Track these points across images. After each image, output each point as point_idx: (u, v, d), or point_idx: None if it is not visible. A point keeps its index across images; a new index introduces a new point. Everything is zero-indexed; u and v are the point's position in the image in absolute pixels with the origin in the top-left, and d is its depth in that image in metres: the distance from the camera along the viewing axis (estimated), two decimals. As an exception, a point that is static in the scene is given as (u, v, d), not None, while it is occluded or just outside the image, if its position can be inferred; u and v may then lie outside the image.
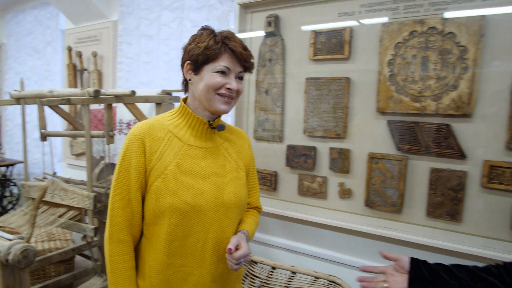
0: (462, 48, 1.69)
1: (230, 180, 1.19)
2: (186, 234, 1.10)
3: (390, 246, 1.92)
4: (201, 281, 1.14)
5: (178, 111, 1.18)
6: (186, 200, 1.08)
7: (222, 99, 1.11)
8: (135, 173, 1.08)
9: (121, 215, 1.08)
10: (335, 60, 2.03)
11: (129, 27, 3.00)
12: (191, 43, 1.13)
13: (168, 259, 1.10)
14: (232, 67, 1.10)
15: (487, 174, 1.66)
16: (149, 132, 1.10)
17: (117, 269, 1.08)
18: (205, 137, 1.17)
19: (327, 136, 2.08)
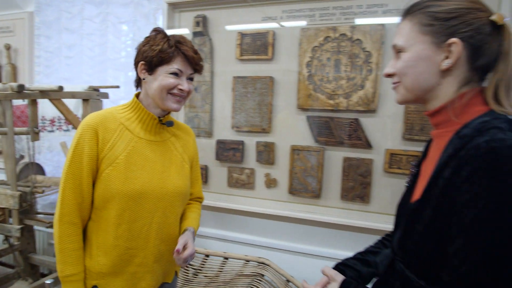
0: (367, 53, 1.96)
1: (175, 171, 1.30)
2: (133, 219, 1.19)
3: (312, 228, 2.15)
4: (144, 262, 1.23)
5: (130, 105, 1.26)
6: (134, 187, 1.18)
7: (174, 99, 1.22)
8: (87, 159, 1.15)
9: (72, 199, 1.15)
10: (260, 60, 2.19)
11: (48, 20, 2.85)
12: (145, 45, 1.21)
13: (115, 241, 1.19)
14: (184, 69, 1.21)
15: (388, 160, 1.96)
16: (102, 123, 1.18)
17: (66, 249, 1.16)
18: (154, 132, 1.27)
19: (253, 131, 2.24)
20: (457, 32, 0.77)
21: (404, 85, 0.84)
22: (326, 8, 2.04)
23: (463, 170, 0.69)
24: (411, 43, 0.81)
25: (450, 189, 0.71)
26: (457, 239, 0.69)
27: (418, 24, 0.80)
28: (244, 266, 2.05)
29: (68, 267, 1.17)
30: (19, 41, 3.03)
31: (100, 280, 1.21)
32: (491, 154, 0.67)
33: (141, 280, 1.25)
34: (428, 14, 0.79)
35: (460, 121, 0.78)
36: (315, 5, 2.06)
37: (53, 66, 2.87)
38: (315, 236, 2.15)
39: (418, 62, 0.81)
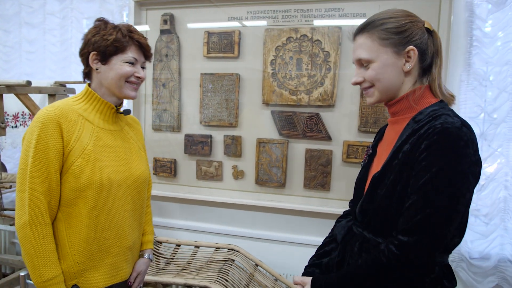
0: (326, 52, 2.13)
1: (137, 158, 1.33)
2: (108, 208, 1.19)
3: (278, 216, 2.30)
4: (121, 251, 1.25)
5: (84, 96, 1.23)
6: (107, 176, 1.18)
7: (131, 86, 1.24)
8: (54, 154, 1.10)
9: (42, 198, 1.09)
10: (226, 58, 2.30)
11: (7, 14, 2.77)
12: (95, 35, 1.19)
13: (93, 233, 1.17)
14: (138, 57, 1.23)
15: (346, 151, 2.15)
16: (63, 115, 1.14)
17: (44, 252, 1.09)
18: (112, 121, 1.28)
19: (221, 125, 2.35)
20: (410, 41, 0.97)
21: (378, 88, 1.01)
22: (288, 10, 2.18)
23: (422, 144, 0.89)
24: (376, 55, 0.98)
25: (409, 159, 0.92)
26: (414, 195, 0.89)
27: (377, 39, 0.98)
28: (215, 253, 2.16)
29: (49, 270, 1.10)
30: (-26, 35, 2.92)
31: (79, 278, 1.18)
32: (444, 133, 0.88)
33: (120, 270, 1.26)
34: (385, 30, 0.97)
35: (415, 109, 1.00)
36: (278, 7, 2.19)
37: (13, 61, 2.80)
38: (281, 223, 2.31)
39: (386, 69, 0.99)
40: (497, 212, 1.98)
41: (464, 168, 0.87)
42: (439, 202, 0.86)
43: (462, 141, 0.87)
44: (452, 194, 0.87)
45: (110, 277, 1.24)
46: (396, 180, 0.94)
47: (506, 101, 1.93)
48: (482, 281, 2.04)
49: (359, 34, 1.02)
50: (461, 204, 0.88)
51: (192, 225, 2.46)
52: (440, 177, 0.86)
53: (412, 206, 0.89)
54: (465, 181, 0.88)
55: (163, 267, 2.10)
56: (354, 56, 1.04)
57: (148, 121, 2.50)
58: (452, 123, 0.88)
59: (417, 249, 0.88)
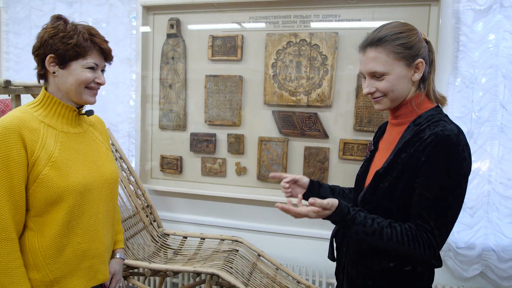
0: (324, 56, 2.27)
1: (105, 159, 1.30)
2: (81, 213, 1.17)
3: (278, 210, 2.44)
4: (97, 253, 1.24)
5: (42, 101, 1.17)
6: (78, 181, 1.15)
7: (91, 92, 1.20)
8: (16, 166, 1.05)
9: (5, 212, 1.04)
10: (230, 61, 2.44)
11: (18, 17, 2.89)
12: (53, 37, 1.12)
13: (66, 239, 1.15)
14: (99, 62, 1.19)
15: (342, 148, 2.30)
16: (23, 125, 1.09)
17: (10, 268, 1.05)
18: (75, 124, 1.24)
19: (225, 124, 2.49)
20: (418, 54, 1.10)
21: (391, 98, 1.12)
22: (288, 16, 2.33)
23: (426, 149, 1.03)
24: (391, 68, 1.09)
25: (412, 161, 1.05)
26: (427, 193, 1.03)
27: (392, 53, 1.08)
28: (219, 244, 2.31)
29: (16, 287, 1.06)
30: (-15, 37, 3.03)
31: (56, 286, 1.15)
32: (445, 139, 1.01)
33: (98, 272, 1.25)
34: (399, 45, 1.08)
35: (416, 113, 1.13)
36: (279, 13, 2.34)
37: (23, 62, 2.92)
38: (281, 216, 2.46)
39: (400, 80, 1.10)
40: (481, 205, 2.14)
41: (466, 170, 1.03)
42: (454, 202, 1.02)
43: (460, 147, 1.02)
44: (460, 194, 1.03)
45: (88, 280, 1.22)
46: (398, 177, 1.07)
47: (490, 101, 2.08)
48: (468, 269, 2.20)
49: (371, 48, 1.10)
50: (463, 201, 1.05)
51: (198, 219, 2.60)
52: (440, 178, 1.01)
53: (429, 203, 1.02)
54: (465, 181, 1.04)
55: (171, 258, 2.25)
56: (366, 68, 1.11)
57: (155, 120, 2.63)
58: (451, 130, 1.02)
59: (442, 243, 1.03)
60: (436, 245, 1.02)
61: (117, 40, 2.65)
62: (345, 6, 2.22)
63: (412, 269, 1.11)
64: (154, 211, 2.47)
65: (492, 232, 2.15)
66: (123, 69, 2.67)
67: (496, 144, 2.12)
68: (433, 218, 1.01)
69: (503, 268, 2.12)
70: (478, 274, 2.20)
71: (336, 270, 1.36)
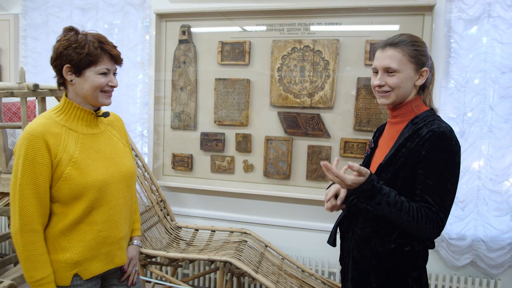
0: (326, 61, 2.45)
1: (123, 156, 1.41)
2: (102, 205, 1.30)
3: (283, 204, 2.62)
4: (115, 240, 1.36)
5: (63, 107, 1.29)
6: (97, 178, 1.27)
7: (106, 95, 1.32)
8: (41, 167, 1.19)
9: (31, 207, 1.19)
10: (238, 65, 2.62)
11: (35, 23, 3.05)
12: (67, 48, 1.23)
13: (88, 227, 1.28)
14: (110, 67, 1.30)
15: (343, 147, 2.48)
16: (47, 130, 1.21)
17: (33, 256, 1.19)
18: (93, 125, 1.35)
19: (233, 124, 2.67)
20: (425, 63, 1.29)
21: (397, 94, 1.29)
22: (292, 24, 2.50)
23: (426, 143, 1.20)
24: (403, 67, 1.26)
25: (412, 154, 1.23)
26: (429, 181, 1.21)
27: (406, 55, 1.26)
28: (229, 236, 2.48)
29: (38, 272, 1.20)
30: (3, 42, 3.20)
31: (79, 267, 1.28)
32: (441, 135, 1.19)
33: (115, 257, 1.38)
34: (413, 50, 1.26)
35: (413, 114, 1.31)
36: (284, 21, 2.51)
37: (41, 66, 3.08)
38: (286, 210, 2.64)
39: (407, 80, 1.28)
40: (471, 199, 2.32)
41: (458, 161, 1.22)
42: (452, 188, 1.21)
43: (453, 141, 1.21)
44: (455, 181, 1.22)
45: (106, 264, 1.35)
46: (400, 169, 1.25)
47: (480, 104, 2.27)
48: (459, 258, 2.38)
49: (390, 47, 1.27)
50: (457, 187, 1.24)
51: (208, 213, 2.77)
52: (439, 169, 1.19)
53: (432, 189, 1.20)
54: (459, 170, 1.23)
55: (185, 249, 2.41)
56: (383, 63, 1.27)
57: (167, 121, 2.80)
58: (445, 128, 1.20)
59: (445, 223, 1.21)
60: (441, 224, 1.20)
61: (131, 45, 2.82)
62: (345, 14, 2.40)
63: (411, 249, 1.28)
64: (167, 206, 2.64)
65: (482, 224, 2.33)
66: (137, 72, 2.84)
67: (486, 143, 2.30)
68: (437, 202, 1.19)
69: (492, 257, 2.30)
70: (469, 263, 2.38)
71: (340, 255, 1.52)
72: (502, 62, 2.21)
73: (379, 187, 1.19)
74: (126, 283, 1.46)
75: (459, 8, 2.24)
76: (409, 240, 1.28)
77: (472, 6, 2.23)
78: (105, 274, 1.40)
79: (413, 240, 1.28)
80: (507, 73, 2.21)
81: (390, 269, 1.31)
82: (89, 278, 1.31)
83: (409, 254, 1.29)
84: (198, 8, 2.62)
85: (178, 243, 2.51)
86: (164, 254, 2.12)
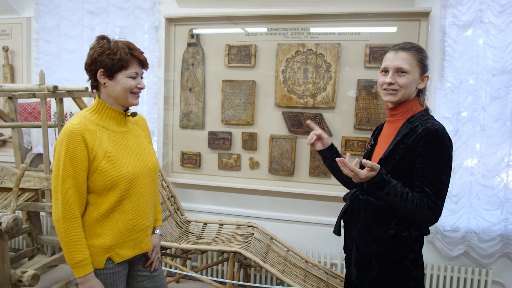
0: (328, 64, 2.59)
1: (148, 152, 1.55)
2: (131, 195, 1.43)
3: (288, 199, 2.77)
4: (142, 228, 1.49)
5: (97, 107, 1.43)
6: (128, 171, 1.41)
7: (134, 96, 1.45)
8: (79, 161, 1.32)
9: (72, 196, 1.32)
10: (244, 67, 2.75)
11: (48, 26, 3.17)
12: (101, 54, 1.37)
13: (119, 215, 1.42)
14: (138, 71, 1.43)
15: (344, 144, 2.62)
16: (85, 128, 1.35)
17: (73, 240, 1.33)
18: (123, 124, 1.48)
19: (240, 123, 2.81)
20: (427, 70, 1.46)
21: (404, 93, 1.44)
22: (296, 28, 2.64)
23: (421, 140, 1.35)
24: (412, 69, 1.42)
25: (410, 150, 1.38)
26: (426, 173, 1.35)
27: (417, 60, 1.43)
28: (237, 229, 2.62)
29: (78, 254, 1.33)
30: (16, 44, 3.31)
31: (111, 252, 1.41)
32: (435, 133, 1.33)
33: (142, 243, 1.51)
34: (422, 56, 1.43)
35: (410, 113, 1.46)
36: (288, 25, 2.65)
37: (53, 68, 3.20)
38: (290, 205, 2.78)
39: (413, 82, 1.44)
40: (464, 193, 2.47)
41: (451, 155, 1.37)
42: (446, 179, 1.36)
43: (446, 137, 1.36)
44: (449, 173, 1.37)
45: (135, 249, 1.48)
46: (398, 163, 1.40)
47: (472, 104, 2.42)
48: (453, 249, 2.53)
49: (403, 51, 1.43)
50: (450, 178, 1.39)
51: (215, 208, 2.91)
52: (433, 162, 1.34)
53: (429, 181, 1.35)
54: (451, 163, 1.38)
55: (195, 241, 2.55)
56: (395, 64, 1.42)
57: (176, 120, 2.94)
58: (438, 126, 1.34)
59: (441, 210, 1.36)
60: (439, 211, 1.35)
61: (141, 48, 2.93)
62: (346, 20, 2.55)
63: (408, 235, 1.43)
64: (177, 201, 2.78)
65: (474, 217, 2.48)
66: (147, 74, 2.97)
67: (478, 141, 2.45)
68: (434, 192, 1.34)
69: (484, 248, 2.46)
70: (462, 253, 2.53)
71: (344, 244, 1.66)
72: (493, 65, 2.36)
73: (388, 179, 1.34)
74: (149, 269, 1.59)
75: (453, 14, 2.39)
76: (406, 227, 1.42)
77: (465, 12, 2.38)
78: (132, 260, 1.53)
79: (410, 227, 1.43)
80: (498, 75, 2.37)
81: (389, 253, 1.46)
82: (120, 262, 1.44)
83: (406, 239, 1.44)
84: (206, 13, 2.76)
85: (188, 236, 2.65)
86: (178, 245, 2.26)
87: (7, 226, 1.84)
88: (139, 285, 1.57)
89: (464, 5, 2.37)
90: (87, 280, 1.35)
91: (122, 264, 1.46)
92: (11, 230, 1.85)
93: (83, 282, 1.35)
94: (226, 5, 2.76)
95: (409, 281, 1.44)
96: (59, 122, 2.36)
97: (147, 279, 1.58)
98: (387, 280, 1.46)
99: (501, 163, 2.41)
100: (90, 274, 1.35)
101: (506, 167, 2.42)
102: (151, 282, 1.59)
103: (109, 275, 1.42)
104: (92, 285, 1.36)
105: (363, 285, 1.52)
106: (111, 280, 1.43)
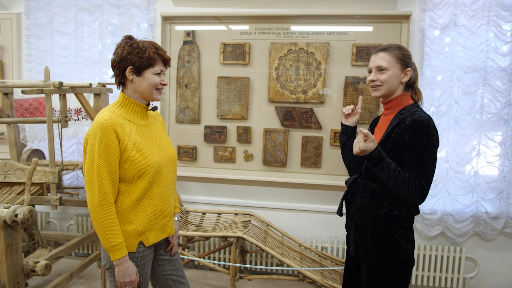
0: (318, 62, 2.79)
1: (167, 143, 1.66)
2: (157, 183, 1.55)
3: (281, 189, 2.95)
4: (167, 213, 1.63)
5: (122, 102, 1.54)
6: (155, 160, 1.53)
7: (158, 91, 1.57)
8: (112, 152, 1.43)
9: (107, 185, 1.43)
10: (239, 65, 2.90)
11: (39, 22, 3.17)
12: (130, 53, 1.47)
13: (148, 202, 1.54)
14: (162, 68, 1.55)
15: (333, 137, 2.83)
16: (114, 121, 1.45)
17: (110, 225, 1.44)
18: (145, 117, 1.60)
19: (235, 118, 2.96)
20: (409, 65, 1.64)
21: (386, 87, 1.64)
22: (288, 28, 2.82)
23: (409, 130, 1.54)
24: (391, 66, 1.62)
25: (399, 139, 1.57)
26: (413, 159, 1.54)
27: (394, 57, 1.62)
28: (234, 217, 2.78)
29: (115, 239, 1.44)
30: (5, 40, 3.30)
31: (142, 236, 1.53)
32: (421, 123, 1.51)
33: (168, 227, 1.65)
34: (400, 53, 1.62)
35: (401, 106, 1.65)
36: (280, 25, 2.82)
37: (45, 64, 3.20)
38: (283, 194, 2.97)
39: (394, 77, 1.63)
40: (441, 179, 2.74)
41: (435, 143, 1.56)
42: (430, 163, 1.55)
43: (430, 127, 1.55)
44: (433, 158, 1.55)
45: (162, 233, 1.62)
46: (389, 150, 1.59)
47: (447, 99, 2.68)
48: (431, 230, 2.81)
49: (382, 51, 1.64)
50: (435, 164, 1.58)
51: (212, 199, 3.06)
52: (420, 150, 1.53)
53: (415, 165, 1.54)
54: (436, 150, 1.57)
55: (196, 230, 2.69)
56: (376, 63, 1.63)
57: (172, 115, 3.05)
58: (424, 117, 1.51)
59: (428, 192, 1.56)
60: (425, 191, 1.56)
61: (137, 45, 3.03)
62: (335, 21, 2.75)
63: (398, 213, 1.64)
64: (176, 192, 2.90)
65: (449, 200, 2.76)
66: (143, 70, 3.06)
67: (452, 132, 2.72)
68: (421, 175, 1.55)
69: (458, 227, 2.75)
70: (439, 233, 2.81)
71: (346, 222, 1.86)
72: (465, 63, 2.63)
73: (384, 155, 1.54)
74: (169, 253, 1.73)
75: (431, 18, 2.64)
76: (396, 206, 1.63)
77: (441, 16, 2.63)
78: (156, 245, 1.66)
79: (400, 206, 1.63)
80: (469, 73, 2.64)
81: (382, 229, 1.66)
82: (149, 246, 1.57)
83: (396, 217, 1.64)
84: (201, 12, 2.88)
85: (187, 226, 2.78)
86: (182, 233, 2.39)
87: (23, 218, 1.91)
88: (160, 269, 1.70)
89: (441, 9, 2.63)
90: (123, 262, 1.47)
91: (150, 248, 1.59)
92: (26, 221, 1.93)
93: (119, 264, 1.46)
94: (221, 5, 2.89)
95: (400, 253, 1.65)
96: (62, 117, 2.42)
97: (168, 262, 1.71)
98: (380, 252, 1.66)
99: (472, 152, 2.70)
100: (125, 256, 1.47)
101: (476, 155, 2.70)
102: (171, 266, 1.72)
103: (140, 258, 1.54)
104: (127, 267, 1.47)
105: (360, 257, 1.73)
106: (142, 262, 1.55)
